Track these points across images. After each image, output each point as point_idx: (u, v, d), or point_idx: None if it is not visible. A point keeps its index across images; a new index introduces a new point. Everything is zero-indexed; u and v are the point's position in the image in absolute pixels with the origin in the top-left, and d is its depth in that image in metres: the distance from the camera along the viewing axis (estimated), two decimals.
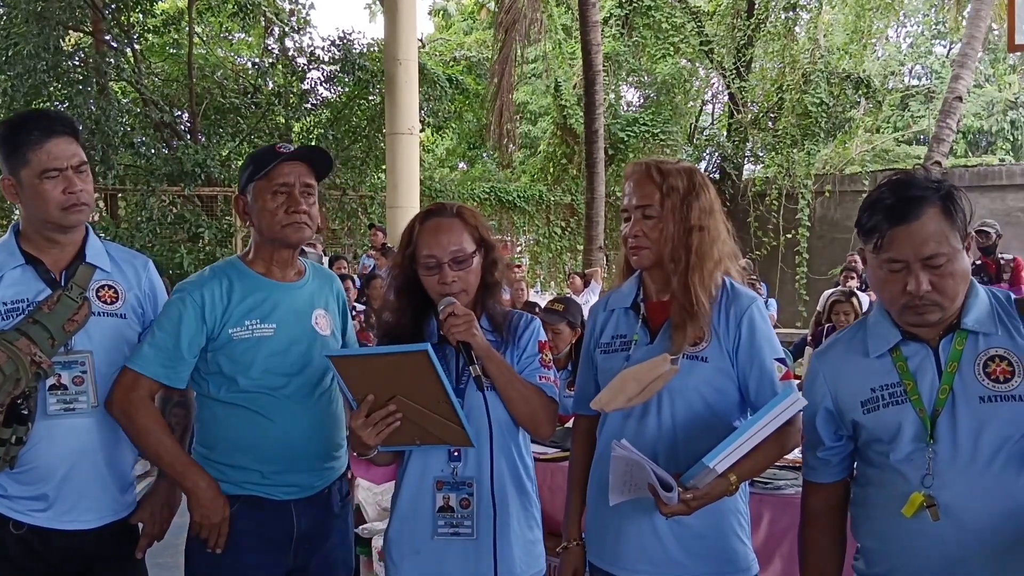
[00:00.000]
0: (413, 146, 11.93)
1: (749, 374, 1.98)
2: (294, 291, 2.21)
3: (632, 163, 2.12)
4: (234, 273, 2.17)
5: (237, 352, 2.10)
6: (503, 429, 2.07)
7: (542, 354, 2.16)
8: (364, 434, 1.91)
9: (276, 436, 2.12)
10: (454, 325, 1.97)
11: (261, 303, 2.15)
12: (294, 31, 14.97)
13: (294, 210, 2.12)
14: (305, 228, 2.16)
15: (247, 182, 2.18)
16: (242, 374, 2.10)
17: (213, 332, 2.10)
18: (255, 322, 2.12)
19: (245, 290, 2.15)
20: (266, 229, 2.15)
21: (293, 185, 2.13)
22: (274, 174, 2.12)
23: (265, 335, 2.12)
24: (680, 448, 1.96)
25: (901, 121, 22.91)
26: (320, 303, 2.25)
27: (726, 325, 1.99)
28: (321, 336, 2.21)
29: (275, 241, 2.16)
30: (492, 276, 2.14)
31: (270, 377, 2.11)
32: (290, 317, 2.17)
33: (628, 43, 17.55)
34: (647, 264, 2.04)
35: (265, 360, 2.11)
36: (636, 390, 1.97)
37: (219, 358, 2.11)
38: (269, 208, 2.13)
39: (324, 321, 2.24)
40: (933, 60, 24.31)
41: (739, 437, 1.71)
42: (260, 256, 2.19)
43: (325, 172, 2.23)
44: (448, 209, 2.13)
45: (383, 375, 1.87)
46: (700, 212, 2.01)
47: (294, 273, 2.24)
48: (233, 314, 2.11)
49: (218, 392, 2.13)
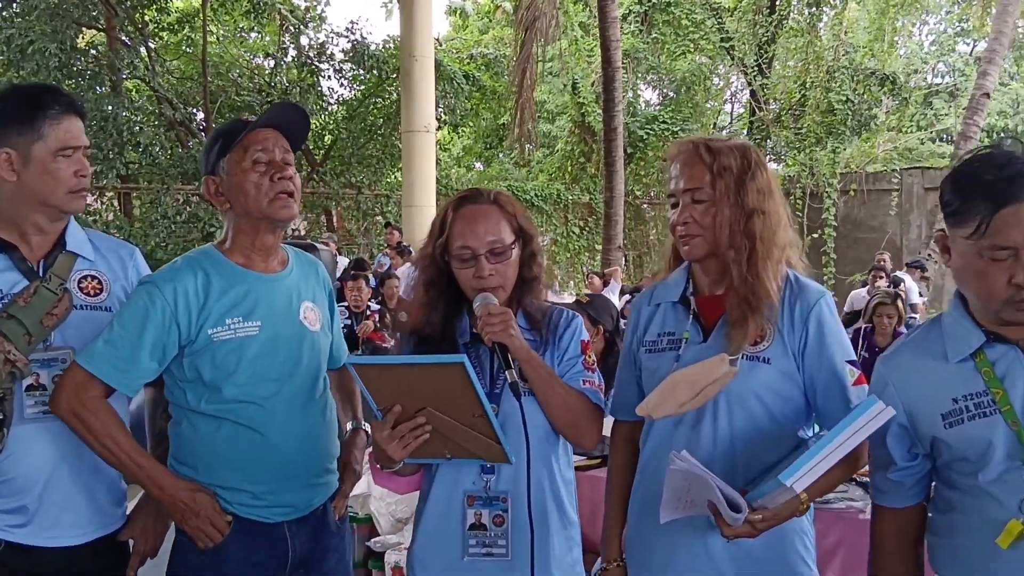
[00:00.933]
0: (429, 144, 11.81)
1: (817, 378, 1.76)
2: (278, 282, 1.98)
3: (677, 142, 1.90)
4: (211, 265, 1.92)
5: (219, 356, 1.86)
6: (542, 439, 1.88)
7: (585, 356, 1.96)
8: (389, 448, 1.71)
9: (268, 452, 1.90)
10: (490, 324, 1.78)
11: (243, 298, 1.90)
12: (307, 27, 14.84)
13: (280, 176, 1.90)
14: (292, 203, 1.93)
15: (217, 159, 1.93)
16: (226, 381, 1.86)
17: (189, 334, 1.87)
18: (237, 320, 1.88)
19: (224, 284, 1.90)
20: (251, 207, 1.90)
21: (272, 151, 1.91)
22: (249, 142, 1.90)
23: (249, 334, 1.88)
24: (739, 460, 1.75)
25: (924, 120, 22.57)
26: (307, 294, 2.03)
27: (791, 322, 1.78)
28: (311, 332, 2.00)
29: (260, 221, 1.93)
30: (531, 270, 1.95)
31: (258, 383, 1.89)
32: (276, 312, 1.94)
33: (647, 40, 17.34)
34: (700, 254, 1.82)
35: (251, 363, 1.88)
36: (689, 395, 1.75)
37: (198, 363, 1.86)
38: (251, 180, 1.89)
39: (313, 314, 2.02)
40: (956, 58, 23.96)
41: (819, 452, 1.48)
42: (239, 244, 1.95)
43: (300, 140, 2.02)
44: (484, 195, 1.93)
45: (412, 385, 1.67)
46: (758, 194, 1.80)
47: (277, 262, 2.02)
48: (212, 312, 1.86)
49: (198, 403, 1.89)
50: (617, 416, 2.04)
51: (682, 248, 1.84)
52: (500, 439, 1.72)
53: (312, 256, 2.17)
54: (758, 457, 1.74)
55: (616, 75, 13.08)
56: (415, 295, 1.99)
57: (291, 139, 1.97)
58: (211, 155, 1.95)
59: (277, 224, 1.95)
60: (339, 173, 14.74)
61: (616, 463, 2.04)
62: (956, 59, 23.84)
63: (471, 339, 1.90)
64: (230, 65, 15.07)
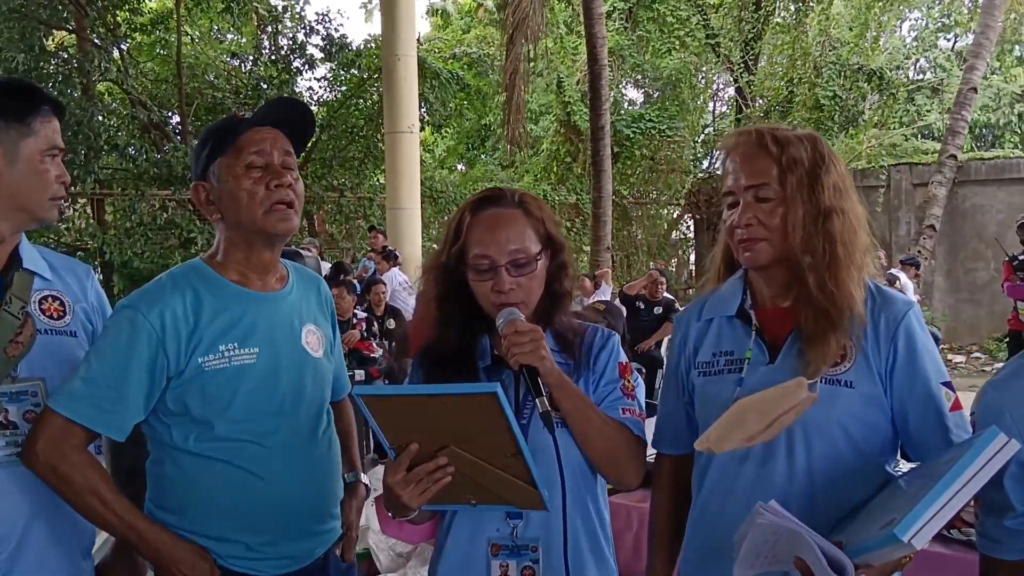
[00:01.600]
0: (413, 145, 11.54)
1: (908, 403, 1.51)
2: (278, 303, 1.74)
3: (735, 132, 1.64)
4: (201, 282, 1.67)
5: (211, 387, 1.62)
6: (578, 477, 1.62)
7: (624, 380, 1.69)
8: (404, 493, 1.44)
9: (267, 498, 1.65)
10: (517, 344, 1.51)
11: (238, 321, 1.66)
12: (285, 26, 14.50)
13: (278, 184, 1.64)
14: (292, 215, 1.68)
15: (208, 162, 1.68)
16: (219, 416, 1.62)
17: (178, 364, 1.60)
18: (232, 346, 1.64)
19: (217, 305, 1.66)
20: (243, 218, 1.66)
21: (270, 154, 1.67)
22: (244, 143, 1.66)
23: (246, 363, 1.64)
24: (819, 502, 1.50)
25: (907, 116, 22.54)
26: (309, 316, 1.79)
27: (875, 339, 1.52)
28: (313, 359, 1.75)
29: (255, 235, 1.68)
30: (561, 284, 1.69)
31: (256, 419, 1.65)
32: (276, 337, 1.70)
33: (632, 37, 17.13)
34: (765, 261, 1.56)
35: (248, 396, 1.64)
36: (759, 425, 1.49)
37: (185, 396, 1.62)
38: (244, 188, 1.64)
39: (315, 339, 1.78)
40: (938, 54, 23.95)
41: (939, 497, 1.21)
42: (233, 259, 1.71)
43: (304, 140, 1.77)
44: (508, 197, 1.66)
45: (431, 420, 1.39)
46: (834, 190, 1.55)
47: (276, 279, 1.76)
48: (203, 337, 1.62)
49: (186, 441, 1.64)
50: (661, 449, 1.78)
51: (742, 254, 1.58)
52: (537, 483, 1.45)
53: (313, 272, 1.92)
54: (841, 498, 1.50)
55: (602, 73, 12.85)
56: (425, 310, 1.71)
57: (294, 139, 1.72)
58: (201, 157, 1.69)
59: (274, 239, 1.69)
60: (320, 176, 14.40)
61: (661, 505, 1.77)
62: (938, 55, 23.83)
63: (492, 361, 1.64)
64: (206, 66, 14.70)
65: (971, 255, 13.69)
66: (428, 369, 1.67)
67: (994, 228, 13.41)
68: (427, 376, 1.67)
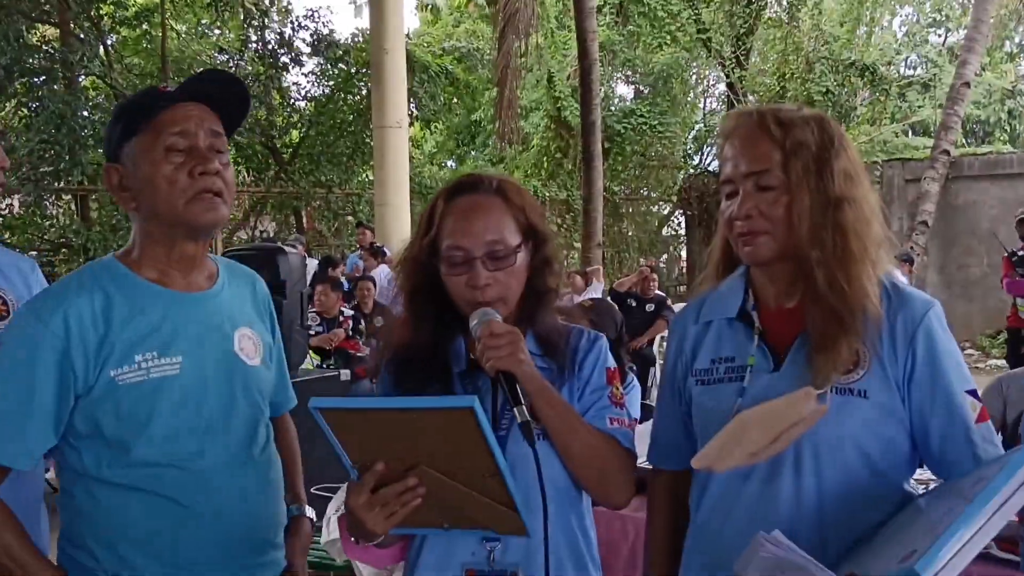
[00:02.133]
0: (402, 140, 11.40)
1: (929, 415, 1.37)
2: (205, 304, 1.54)
3: (733, 113, 1.50)
4: (113, 282, 1.46)
5: (125, 404, 1.41)
6: (561, 494, 1.48)
7: (612, 387, 1.55)
8: (368, 517, 1.29)
9: (196, 529, 1.46)
10: (493, 348, 1.37)
11: (158, 326, 1.46)
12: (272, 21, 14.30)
13: (203, 171, 1.44)
14: (220, 204, 1.47)
15: (122, 141, 1.47)
16: (136, 438, 1.42)
17: (87, 378, 1.41)
18: (150, 356, 1.43)
19: (132, 307, 1.45)
20: (161, 208, 1.45)
21: (195, 135, 1.45)
22: (163, 122, 1.44)
23: (167, 374, 1.44)
24: (829, 526, 1.36)
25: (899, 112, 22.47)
26: (243, 318, 1.59)
27: (892, 343, 1.38)
28: (249, 367, 1.56)
29: (176, 227, 1.47)
30: (544, 280, 1.54)
31: (180, 439, 1.45)
32: (203, 344, 1.50)
33: (623, 32, 16.98)
34: (767, 256, 1.41)
35: (171, 414, 1.44)
36: (764, 440, 1.35)
37: (97, 415, 1.42)
38: (163, 175, 1.43)
39: (251, 345, 1.58)
40: (929, 49, 23.89)
41: (966, 528, 1.07)
42: (151, 253, 1.50)
43: (238, 118, 1.56)
44: (485, 183, 1.51)
45: (399, 436, 1.24)
46: (844, 177, 1.40)
47: (203, 277, 1.57)
48: (116, 346, 1.42)
49: (99, 468, 1.44)
50: (656, 464, 1.63)
51: (742, 249, 1.44)
52: (517, 506, 1.30)
53: (247, 268, 1.72)
54: (853, 520, 1.36)
55: (593, 68, 12.68)
56: (395, 307, 1.57)
57: (224, 118, 1.52)
58: (113, 136, 1.48)
59: (199, 232, 1.50)
60: (308, 172, 14.23)
61: (658, 524, 1.63)
62: (929, 50, 23.77)
63: (468, 366, 1.50)
64: (192, 61, 14.47)
65: (964, 251, 13.61)
66: (396, 373, 1.53)
67: (987, 224, 13.33)
68: (395, 381, 1.53)
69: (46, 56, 12.65)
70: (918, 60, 24.53)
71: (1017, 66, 23.53)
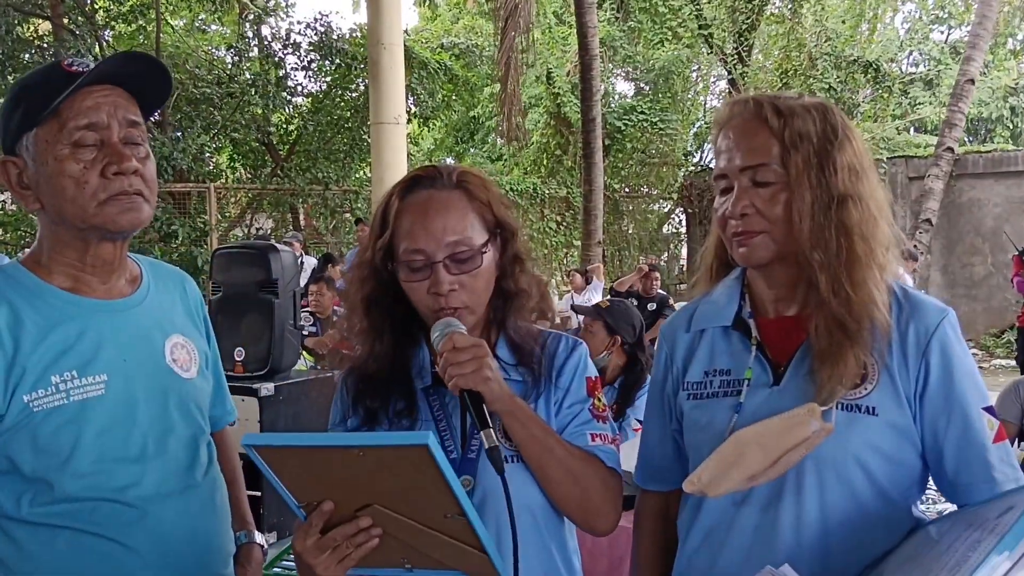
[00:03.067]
0: (400, 136, 11.20)
1: (944, 434, 1.25)
2: (129, 312, 1.38)
3: (729, 102, 1.37)
4: (18, 293, 1.30)
5: (44, 434, 1.25)
6: (539, 522, 1.35)
7: (593, 398, 1.42)
8: (317, 562, 1.15)
9: (132, 569, 1.30)
10: (455, 364, 1.24)
11: (75, 341, 1.29)
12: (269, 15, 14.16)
13: (117, 170, 1.27)
14: (141, 203, 1.31)
15: (20, 132, 1.28)
16: (60, 472, 1.26)
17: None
18: (69, 376, 1.27)
19: (43, 322, 1.28)
20: (68, 212, 1.28)
21: (108, 128, 1.28)
22: (69, 111, 1.26)
23: (90, 395, 1.28)
24: (834, 555, 1.25)
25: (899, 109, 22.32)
26: (174, 325, 1.44)
27: (903, 355, 1.26)
28: (184, 380, 1.41)
29: (88, 231, 1.31)
30: (515, 280, 1.41)
31: (110, 469, 1.29)
32: (129, 358, 1.34)
33: (623, 28, 16.82)
34: (764, 258, 1.30)
35: (97, 440, 1.28)
36: (763, 463, 1.23)
37: (12, 448, 1.25)
38: (70, 175, 1.26)
39: (185, 354, 1.43)
40: (932, 46, 23.74)
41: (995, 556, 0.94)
42: (61, 258, 1.34)
43: (157, 101, 1.39)
44: (443, 176, 1.37)
45: (348, 474, 1.10)
46: (849, 172, 1.28)
47: (125, 281, 1.41)
48: (28, 368, 1.25)
49: (17, 507, 1.27)
50: (644, 485, 1.51)
51: (736, 250, 1.31)
52: (486, 547, 1.16)
53: (174, 268, 1.57)
54: (860, 549, 1.25)
55: (593, 63, 12.57)
56: (353, 317, 1.42)
57: (141, 100, 1.34)
58: (10, 125, 1.30)
59: (116, 235, 1.34)
60: (305, 169, 14.07)
61: (645, 551, 1.50)
62: (931, 47, 23.62)
63: (433, 382, 1.36)
64: (187, 57, 14.31)
65: (968, 249, 13.47)
66: (356, 389, 1.40)
67: (991, 222, 13.20)
68: (355, 398, 1.40)
69: (39, 51, 12.52)
70: (920, 57, 24.39)
71: (1020, 63, 23.37)
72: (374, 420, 1.36)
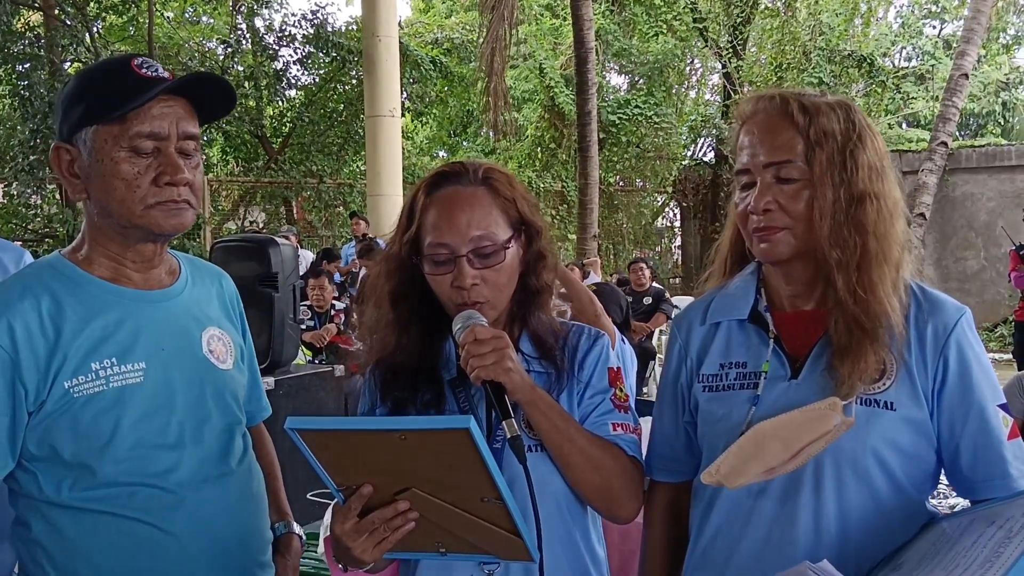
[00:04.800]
0: (395, 129, 11.24)
1: (960, 431, 1.27)
2: (168, 302, 1.40)
3: (752, 97, 1.38)
4: (60, 283, 1.32)
5: (84, 420, 1.27)
6: (563, 510, 1.36)
7: (615, 389, 1.43)
8: (355, 545, 1.18)
9: (172, 553, 1.32)
10: (477, 355, 1.26)
11: (115, 329, 1.31)
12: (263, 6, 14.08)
13: (170, 181, 1.29)
14: (186, 209, 1.33)
15: (81, 123, 1.30)
16: (100, 457, 1.28)
17: (38, 393, 1.27)
18: (109, 363, 1.29)
19: (85, 310, 1.31)
20: (115, 209, 1.30)
21: (168, 138, 1.30)
22: (135, 117, 1.28)
23: (129, 382, 1.30)
24: (851, 548, 1.26)
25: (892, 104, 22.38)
26: (211, 316, 1.46)
27: (921, 352, 1.28)
28: (220, 371, 1.43)
29: (133, 230, 1.33)
30: (538, 276, 1.42)
31: (148, 455, 1.31)
32: (167, 347, 1.36)
33: (618, 21, 16.80)
34: (784, 254, 1.30)
35: (135, 427, 1.30)
36: (783, 455, 1.24)
37: (54, 434, 1.27)
38: (123, 176, 1.28)
39: (221, 346, 1.45)
40: (925, 41, 23.80)
41: None
42: (103, 249, 1.36)
43: (218, 113, 1.42)
44: (470, 172, 1.38)
45: (389, 458, 1.13)
46: (870, 170, 1.29)
47: (165, 273, 1.43)
48: (69, 355, 1.27)
49: (58, 492, 1.29)
50: (655, 476, 1.51)
51: (757, 245, 1.32)
52: (521, 530, 1.18)
53: (212, 265, 1.59)
54: (876, 543, 1.26)
55: (589, 56, 12.54)
56: (379, 310, 1.43)
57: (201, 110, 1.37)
58: (70, 114, 1.31)
59: (157, 237, 1.36)
60: (299, 162, 14.06)
61: (655, 543, 1.50)
62: (924, 42, 23.68)
63: (459, 374, 1.38)
64: (179, 48, 14.25)
65: (961, 244, 13.55)
66: (383, 382, 1.42)
67: (984, 216, 13.27)
68: (382, 390, 1.41)
69: (31, 42, 12.44)
70: (913, 52, 24.45)
71: (1012, 58, 23.46)
72: (402, 412, 1.38)
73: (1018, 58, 23.27)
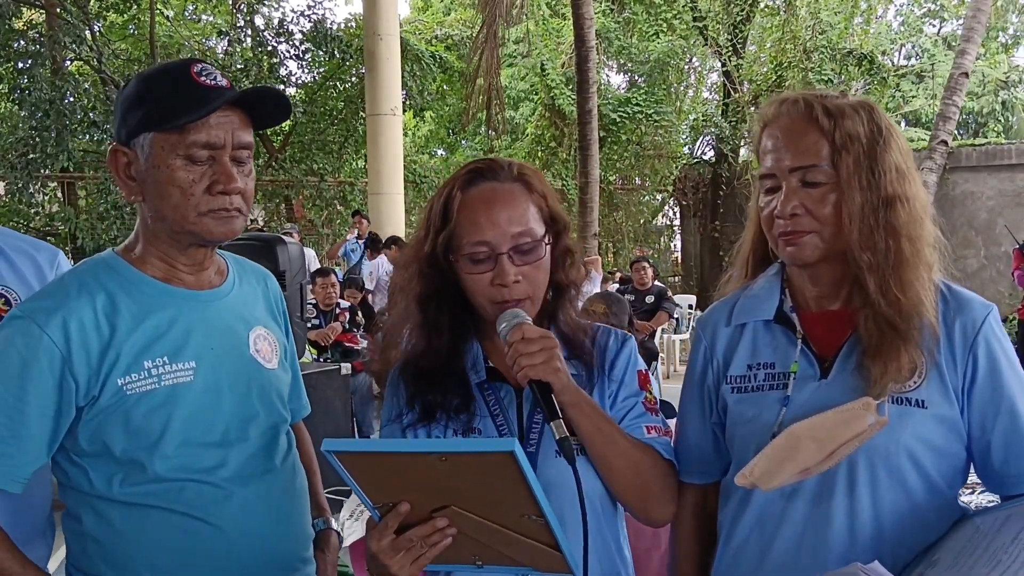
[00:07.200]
0: (396, 128, 11.22)
1: (991, 428, 1.28)
2: (217, 303, 1.42)
3: (776, 100, 1.38)
4: (115, 281, 1.35)
5: (136, 417, 1.30)
6: (596, 512, 1.36)
7: (646, 391, 1.44)
8: (393, 562, 1.17)
9: (220, 547, 1.35)
10: (527, 355, 1.24)
11: (167, 328, 1.34)
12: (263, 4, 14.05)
13: (223, 190, 1.31)
14: (237, 217, 1.35)
15: (139, 129, 1.32)
16: (151, 453, 1.31)
17: (90, 389, 1.29)
18: (161, 362, 1.32)
19: (139, 309, 1.33)
20: (170, 215, 1.32)
21: (223, 147, 1.31)
22: (195, 128, 1.29)
23: (181, 381, 1.33)
24: (886, 547, 1.27)
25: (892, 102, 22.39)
26: (257, 316, 1.49)
27: (950, 350, 1.29)
28: (266, 371, 1.45)
29: (185, 235, 1.35)
30: (566, 274, 1.42)
31: (197, 452, 1.34)
32: (217, 346, 1.39)
33: (618, 19, 16.78)
34: (812, 258, 1.31)
35: (185, 424, 1.33)
36: (817, 456, 1.25)
37: (106, 430, 1.30)
38: (178, 184, 1.30)
39: (267, 346, 1.47)
40: (924, 39, 23.83)
41: None
42: (156, 250, 1.39)
43: (272, 121, 1.43)
44: (504, 169, 1.38)
45: (427, 478, 1.12)
46: (896, 172, 1.30)
47: (214, 273, 1.45)
48: (123, 352, 1.30)
49: (109, 487, 1.32)
50: (683, 478, 1.51)
51: (784, 249, 1.33)
52: (561, 545, 1.17)
53: (257, 265, 1.60)
54: (910, 539, 1.27)
55: (589, 55, 12.51)
56: (404, 312, 1.42)
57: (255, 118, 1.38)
58: (129, 118, 1.33)
59: (207, 243, 1.38)
60: (299, 160, 14.03)
61: (685, 545, 1.51)
62: (924, 40, 23.70)
63: (488, 376, 1.38)
64: (180, 47, 14.22)
65: (961, 242, 13.55)
66: (414, 385, 1.40)
67: (985, 215, 13.28)
68: (412, 394, 1.39)
69: (32, 40, 12.41)
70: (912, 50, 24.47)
71: (1011, 57, 23.50)
72: (431, 416, 1.36)
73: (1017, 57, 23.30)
